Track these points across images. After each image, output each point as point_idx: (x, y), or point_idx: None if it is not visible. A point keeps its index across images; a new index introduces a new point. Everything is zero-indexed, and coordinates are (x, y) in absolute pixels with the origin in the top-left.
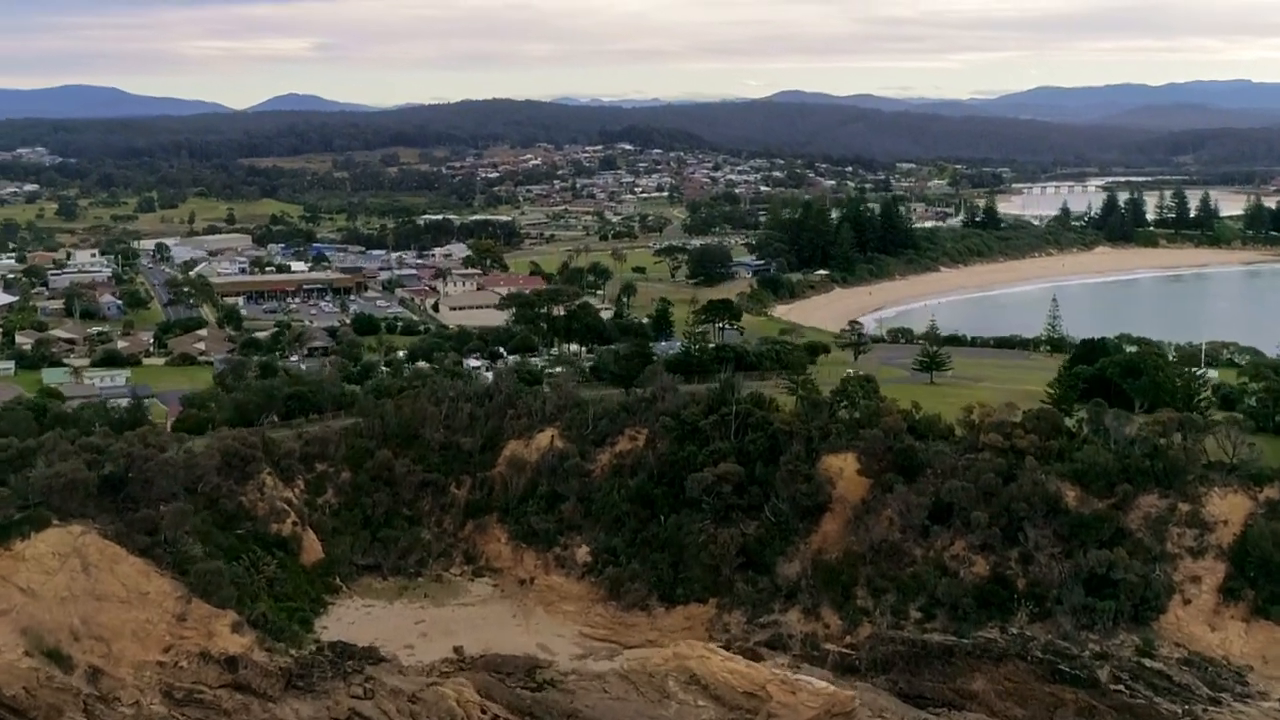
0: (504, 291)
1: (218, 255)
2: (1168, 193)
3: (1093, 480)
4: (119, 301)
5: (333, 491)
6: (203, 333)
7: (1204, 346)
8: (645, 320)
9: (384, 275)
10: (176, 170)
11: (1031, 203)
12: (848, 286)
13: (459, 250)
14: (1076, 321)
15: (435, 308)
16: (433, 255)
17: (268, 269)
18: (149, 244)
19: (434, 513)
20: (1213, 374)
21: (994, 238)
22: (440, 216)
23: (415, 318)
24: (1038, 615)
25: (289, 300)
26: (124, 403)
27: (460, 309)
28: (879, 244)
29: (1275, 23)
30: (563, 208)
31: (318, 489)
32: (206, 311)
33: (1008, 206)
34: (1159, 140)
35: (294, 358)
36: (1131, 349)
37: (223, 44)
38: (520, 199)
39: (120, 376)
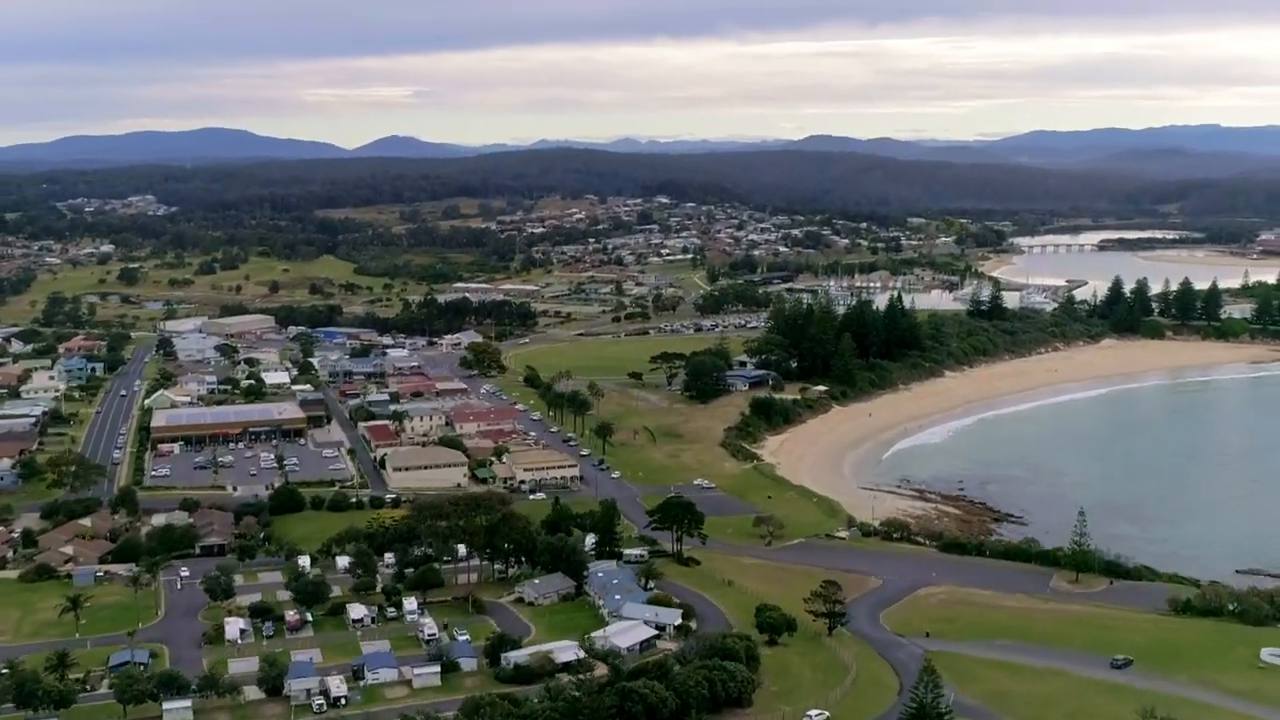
0: (472, 429)
1: (235, 337)
2: (1173, 280)
3: None
4: (16, 473)
5: None
6: (86, 522)
7: None
8: (588, 528)
9: (373, 380)
10: (249, 228)
11: (1035, 265)
12: (847, 404)
13: (468, 337)
14: (1083, 462)
15: (382, 464)
16: (441, 344)
17: (233, 393)
18: (174, 326)
19: None
20: None
21: (999, 332)
22: (461, 296)
23: (356, 477)
24: None
25: (232, 445)
26: None
27: (406, 470)
28: (881, 348)
29: (1240, 74)
30: (589, 274)
31: None
32: (125, 467)
33: (1011, 270)
34: (1145, 189)
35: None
36: None
37: (336, 91)
38: (554, 260)
39: None
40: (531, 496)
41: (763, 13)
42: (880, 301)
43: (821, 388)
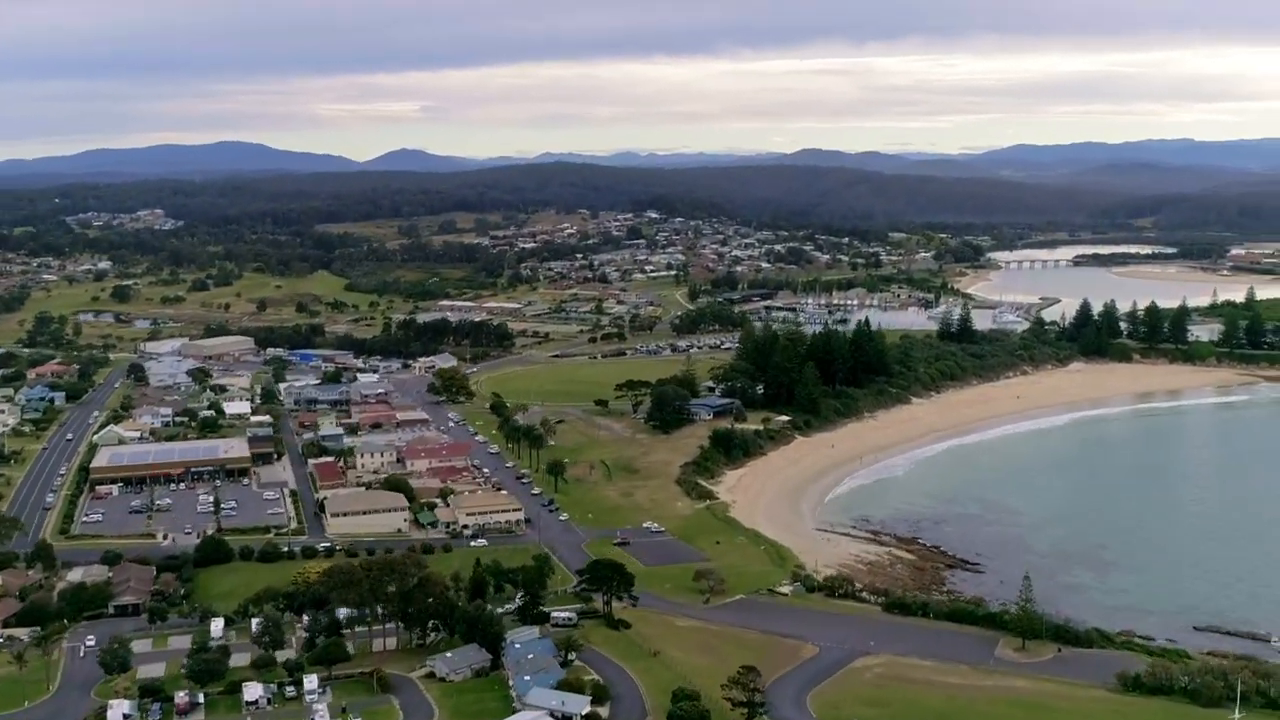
0: (423, 466)
1: (213, 360)
2: (1141, 305)
3: None
4: None
5: None
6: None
7: None
8: (519, 583)
9: (337, 408)
10: (249, 243)
11: (1010, 281)
12: (811, 434)
13: (442, 360)
14: (1043, 499)
15: (322, 508)
16: (416, 366)
17: (189, 426)
18: (154, 348)
19: None
20: None
21: (967, 356)
22: (441, 316)
23: (294, 523)
24: None
25: (173, 486)
26: None
27: (345, 515)
28: (848, 374)
29: (1211, 91)
30: (573, 291)
31: None
32: (56, 513)
33: (986, 287)
34: (1122, 202)
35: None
36: None
37: (349, 106)
38: (540, 277)
39: None
40: (473, 543)
41: (756, 32)
42: (859, 318)
43: (785, 418)
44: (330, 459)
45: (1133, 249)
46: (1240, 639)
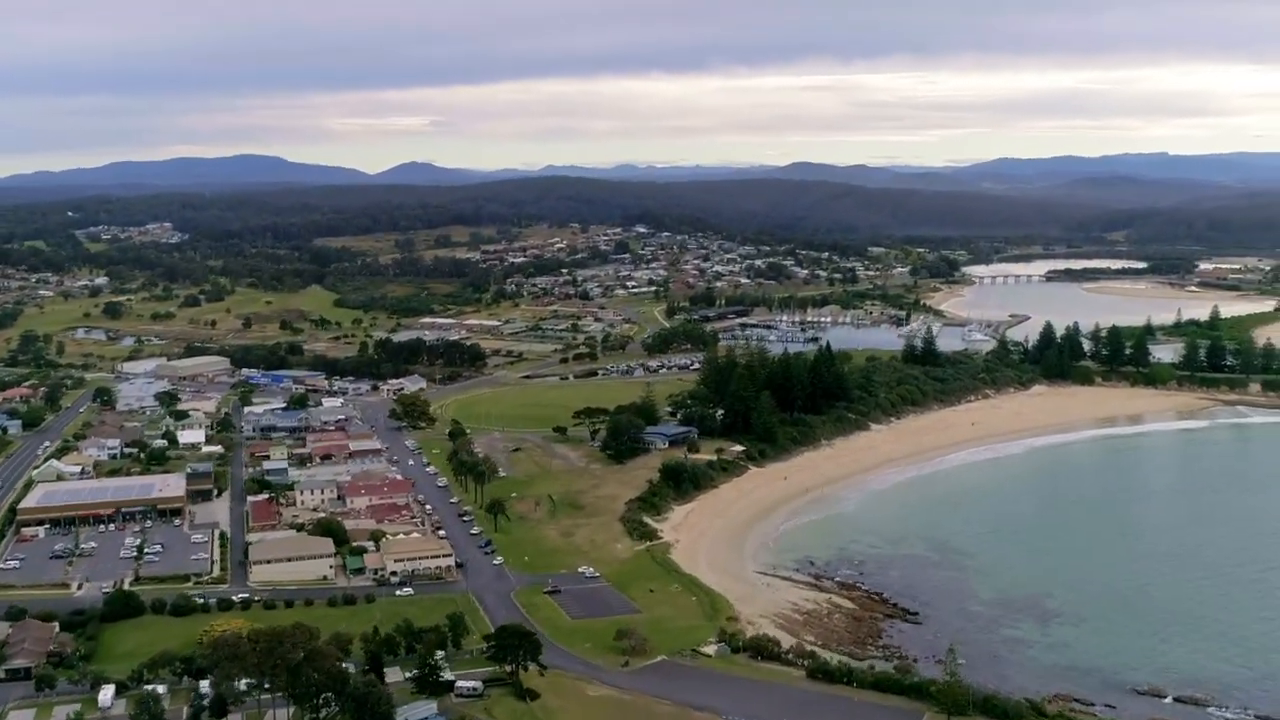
0: (363, 504)
1: (186, 380)
2: (1109, 322)
3: None
4: None
5: None
6: None
7: None
8: (433, 644)
9: (294, 435)
10: (249, 257)
11: (983, 296)
12: (765, 464)
13: (412, 383)
14: (992, 538)
15: (246, 554)
16: (385, 388)
17: (136, 458)
18: (132, 368)
19: None
20: None
21: (929, 380)
22: (416, 336)
23: (216, 570)
24: None
25: (103, 528)
26: None
27: (270, 562)
28: (807, 401)
29: (1185, 106)
30: (554, 308)
31: None
32: None
33: (959, 303)
34: (1097, 216)
35: None
36: None
37: (360, 121)
38: (524, 293)
39: None
40: (399, 591)
41: (748, 50)
42: (829, 337)
43: (739, 447)
44: (265, 498)
45: (1105, 264)
46: (1181, 704)
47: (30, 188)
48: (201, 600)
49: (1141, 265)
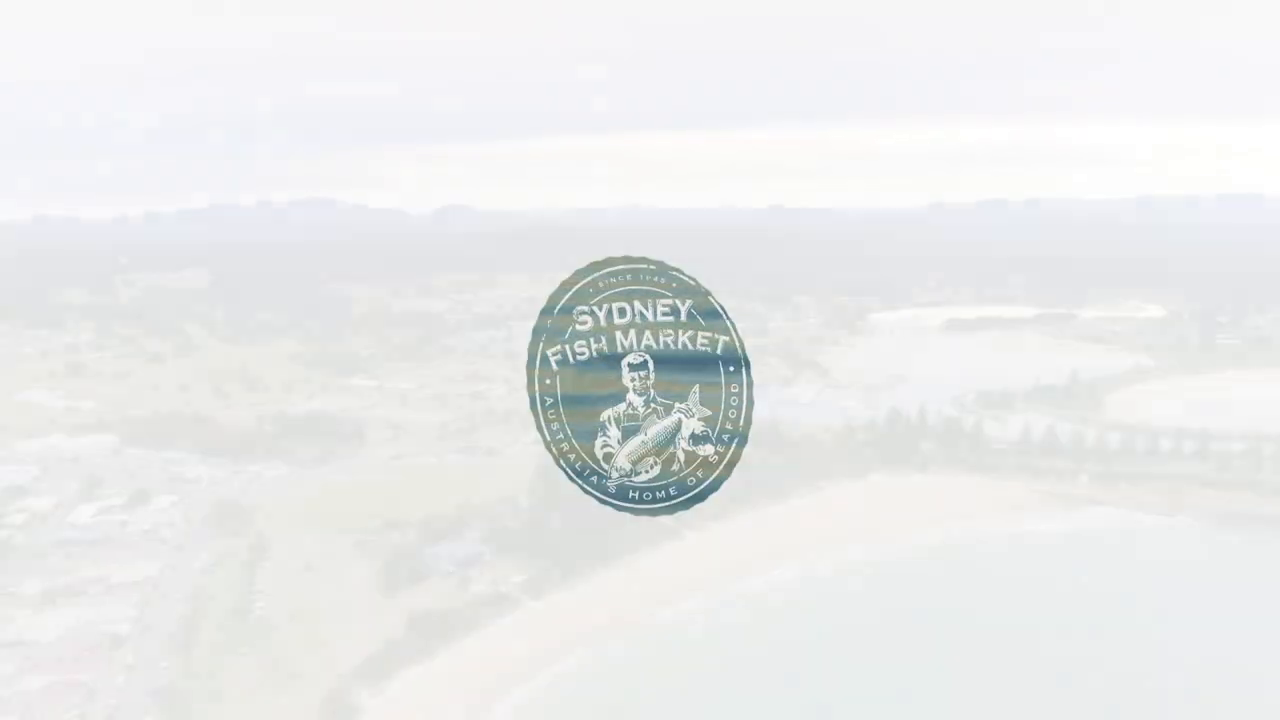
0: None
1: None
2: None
3: None
4: None
5: None
6: None
7: None
8: None
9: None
10: (241, 304)
11: (876, 350)
12: (543, 597)
13: (270, 469)
14: None
15: None
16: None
17: None
18: (24, 447)
19: None
20: None
21: (767, 468)
22: (319, 405)
23: None
24: None
25: None
26: None
27: None
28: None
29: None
30: (474, 369)
31: None
32: None
33: (852, 359)
34: (1008, 257)
35: None
36: None
37: (411, 169)
38: (460, 349)
39: None
40: None
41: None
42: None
43: (519, 578)
44: None
45: (1001, 310)
46: None
47: (110, 230)
48: None
49: (1033, 313)
